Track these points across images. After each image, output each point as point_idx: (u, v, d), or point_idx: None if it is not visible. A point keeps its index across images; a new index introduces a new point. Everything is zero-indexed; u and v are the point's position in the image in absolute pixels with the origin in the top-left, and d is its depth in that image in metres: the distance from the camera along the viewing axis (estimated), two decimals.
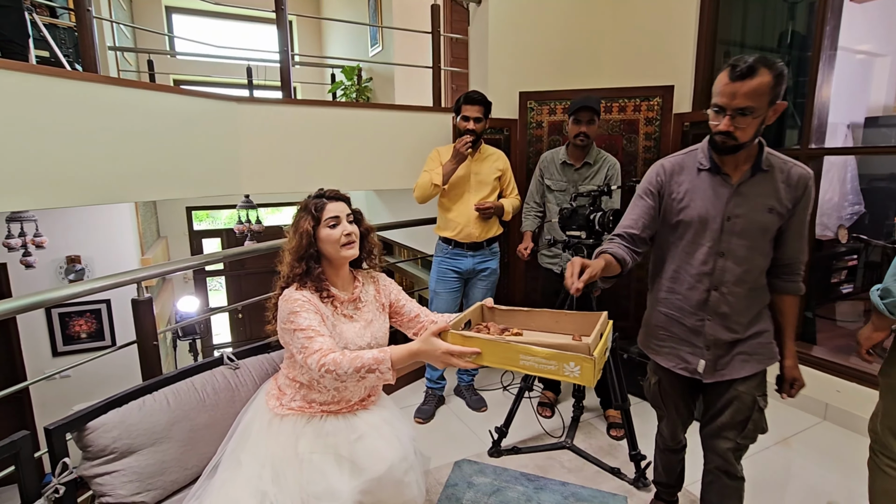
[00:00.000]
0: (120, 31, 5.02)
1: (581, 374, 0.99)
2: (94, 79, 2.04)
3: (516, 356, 1.05)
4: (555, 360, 1.02)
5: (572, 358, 1.00)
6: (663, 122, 2.88)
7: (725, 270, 1.33)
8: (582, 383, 1.02)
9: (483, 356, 1.09)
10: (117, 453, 1.24)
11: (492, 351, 1.08)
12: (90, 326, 4.66)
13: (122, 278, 1.79)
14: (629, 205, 1.45)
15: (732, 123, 1.18)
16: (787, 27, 2.67)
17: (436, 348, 1.13)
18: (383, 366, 1.16)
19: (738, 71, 1.14)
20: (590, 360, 0.99)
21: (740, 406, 1.37)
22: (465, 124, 2.34)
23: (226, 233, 7.55)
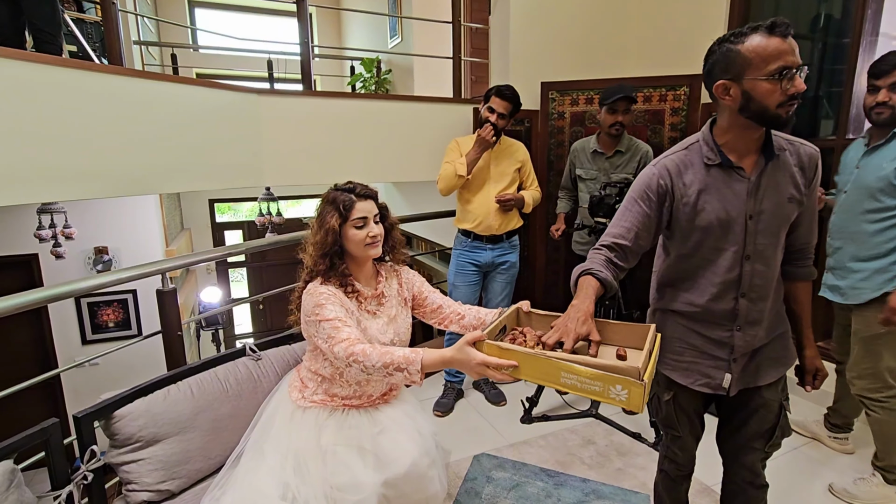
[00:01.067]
0: (144, 27, 5.10)
1: (629, 398, 0.90)
2: (121, 72, 2.07)
3: (557, 373, 0.96)
4: (600, 382, 0.92)
5: (620, 381, 0.90)
6: (690, 111, 2.79)
7: (754, 274, 1.17)
8: (629, 409, 0.92)
9: (521, 370, 1.00)
10: (143, 441, 1.27)
11: (531, 365, 0.99)
12: (117, 316, 4.79)
13: (148, 269, 1.81)
14: (620, 209, 1.23)
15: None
16: (821, 12, 2.55)
17: (470, 358, 1.05)
18: (413, 367, 1.11)
19: (782, 27, 1.01)
20: (639, 384, 0.89)
21: (767, 414, 1.26)
22: (489, 115, 2.31)
23: (247, 225, 7.66)
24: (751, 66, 1.03)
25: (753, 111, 1.06)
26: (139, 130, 2.16)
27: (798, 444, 2.18)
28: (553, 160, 3.03)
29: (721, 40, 1.08)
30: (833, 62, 2.53)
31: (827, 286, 1.88)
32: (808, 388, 1.32)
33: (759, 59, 1.02)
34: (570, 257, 3.04)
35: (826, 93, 2.56)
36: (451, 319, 1.45)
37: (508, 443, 2.21)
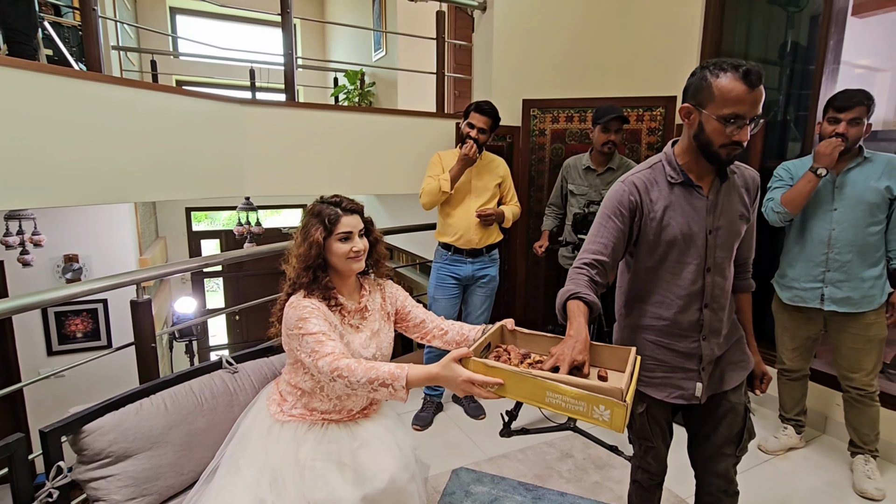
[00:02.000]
0: (123, 31, 5.03)
1: (612, 419, 0.92)
2: (98, 78, 2.04)
3: (542, 393, 0.97)
4: (584, 402, 0.94)
5: (603, 402, 0.92)
6: (666, 132, 2.88)
7: (714, 286, 1.25)
8: (611, 429, 0.94)
9: (506, 388, 1.01)
10: (113, 457, 1.23)
11: (516, 384, 1.00)
12: (86, 326, 4.63)
13: (122, 279, 1.77)
14: (594, 226, 1.28)
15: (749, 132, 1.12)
16: (789, 39, 2.68)
17: (456, 375, 1.05)
18: (398, 383, 1.10)
19: (754, 77, 1.07)
20: (622, 405, 0.91)
21: (735, 418, 1.33)
22: (469, 131, 2.35)
23: (225, 234, 7.54)
24: (712, 102, 1.10)
25: (701, 142, 1.15)
26: (116, 138, 2.13)
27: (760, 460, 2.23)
28: (534, 176, 3.08)
29: (703, 66, 1.15)
30: (800, 87, 2.66)
31: (833, 300, 1.96)
32: (758, 391, 1.41)
33: (720, 98, 1.09)
34: (550, 272, 3.09)
35: (794, 116, 2.68)
36: (433, 335, 1.45)
37: (487, 457, 2.21)
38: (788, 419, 2.25)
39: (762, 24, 2.77)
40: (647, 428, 1.37)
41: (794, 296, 2.06)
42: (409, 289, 5.48)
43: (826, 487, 2.03)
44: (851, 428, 2.05)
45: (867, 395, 1.96)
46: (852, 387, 1.99)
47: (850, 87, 1.91)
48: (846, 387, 2.02)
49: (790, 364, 2.16)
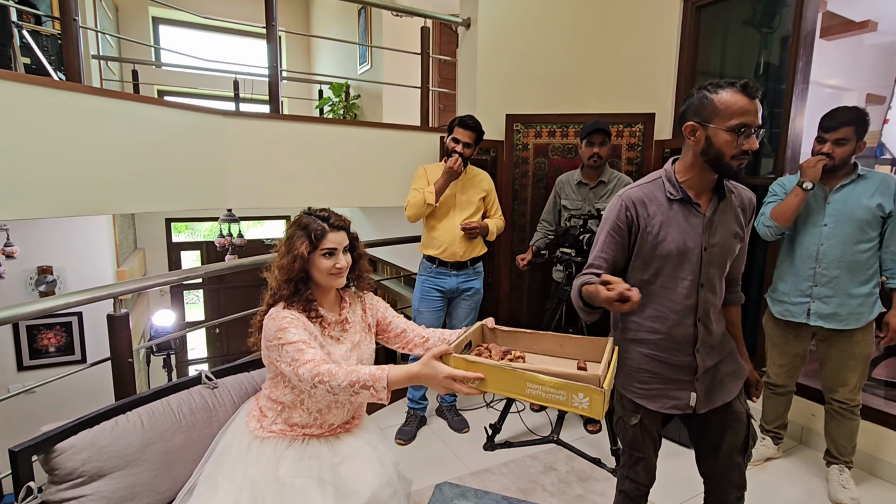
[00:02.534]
0: (104, 40, 4.97)
1: (590, 405, 0.95)
2: (78, 88, 2.01)
3: (523, 384, 0.99)
4: (564, 391, 0.97)
5: (582, 389, 0.96)
6: (645, 148, 2.95)
7: (707, 301, 1.29)
8: (590, 415, 0.97)
9: (487, 382, 1.03)
10: (86, 476, 1.19)
11: (497, 378, 1.02)
12: (59, 340, 4.50)
13: (98, 293, 1.73)
14: (597, 240, 1.34)
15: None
16: (762, 59, 2.78)
17: (437, 372, 1.06)
18: (379, 384, 1.10)
19: (752, 89, 1.14)
20: (600, 391, 0.94)
21: (738, 426, 1.35)
22: (454, 146, 2.38)
23: (206, 245, 7.42)
24: (717, 116, 1.16)
25: (711, 156, 1.19)
26: (95, 149, 2.09)
27: None
28: (517, 189, 3.12)
29: (700, 87, 1.20)
30: (773, 106, 2.75)
31: (820, 315, 1.99)
32: (754, 398, 1.47)
33: (725, 111, 1.15)
34: (534, 284, 3.11)
35: (768, 134, 2.77)
36: (415, 343, 1.45)
37: (471, 471, 2.20)
38: (768, 430, 2.29)
39: (737, 44, 2.87)
40: (640, 439, 1.39)
41: (784, 310, 2.09)
42: (393, 301, 5.46)
43: (803, 497, 2.06)
44: (830, 439, 2.09)
45: (849, 409, 2.00)
46: (835, 399, 2.03)
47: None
48: (829, 399, 2.06)
49: (776, 379, 2.20)
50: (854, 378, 1.98)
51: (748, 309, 2.82)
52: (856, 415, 2.01)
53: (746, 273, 2.69)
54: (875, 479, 2.17)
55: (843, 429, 2.03)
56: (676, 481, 2.14)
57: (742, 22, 2.82)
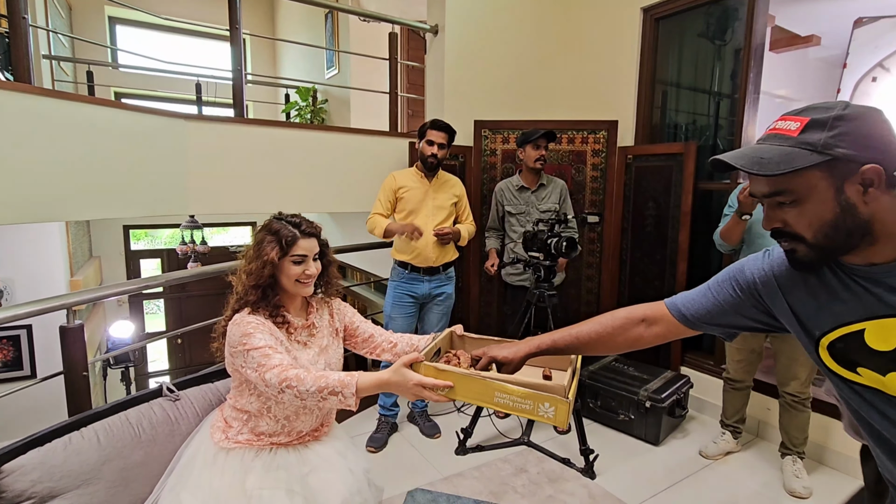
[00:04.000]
0: (57, 40, 4.76)
1: (555, 415, 0.98)
2: (27, 90, 1.92)
3: (491, 393, 1.01)
4: (531, 400, 0.99)
5: (548, 399, 0.98)
6: (609, 154, 3.04)
7: None
8: (555, 424, 1.00)
9: (456, 391, 1.04)
10: (36, 498, 1.13)
11: (466, 386, 1.04)
12: (6, 355, 4.24)
13: (50, 304, 1.65)
14: None
15: None
16: (717, 70, 2.92)
17: (407, 380, 1.06)
18: (348, 390, 1.09)
19: None
20: (565, 402, 0.97)
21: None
22: (430, 148, 2.39)
23: (166, 253, 7.16)
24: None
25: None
26: (46, 153, 1.99)
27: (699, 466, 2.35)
28: (486, 194, 3.16)
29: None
30: (729, 114, 2.88)
31: None
32: None
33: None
34: (502, 289, 3.14)
35: (724, 141, 2.90)
36: (383, 348, 1.44)
37: (443, 476, 2.20)
38: (728, 425, 2.38)
39: (692, 55, 3.00)
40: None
41: None
42: (363, 307, 5.40)
43: (762, 489, 2.15)
44: (783, 431, 2.20)
45: (800, 402, 2.11)
46: (787, 392, 2.13)
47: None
48: (782, 393, 2.16)
49: (735, 374, 2.30)
50: (804, 372, 2.09)
51: None
52: (807, 407, 2.12)
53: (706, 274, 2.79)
54: (825, 468, 2.28)
55: (796, 420, 2.14)
56: (645, 478, 2.20)
57: (697, 34, 2.95)
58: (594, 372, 2.71)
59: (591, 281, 3.17)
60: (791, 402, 2.13)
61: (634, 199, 3.01)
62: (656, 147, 2.99)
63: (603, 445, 2.35)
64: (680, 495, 2.10)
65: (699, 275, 2.87)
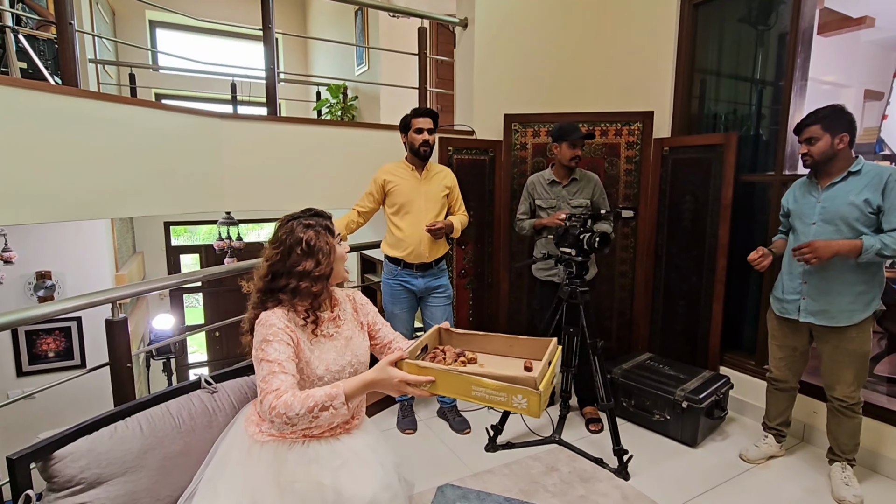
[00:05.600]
0: (101, 44, 4.96)
1: (528, 406, 1.03)
2: (75, 93, 2.00)
3: (469, 387, 1.07)
4: (504, 392, 1.04)
5: (520, 391, 1.03)
6: (643, 146, 2.95)
7: None
8: (528, 415, 1.04)
9: (437, 385, 1.10)
10: (85, 484, 1.18)
11: (446, 381, 1.09)
12: (58, 345, 4.48)
13: (97, 297, 1.72)
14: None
15: None
16: (759, 56, 2.78)
17: (391, 377, 1.12)
18: (337, 401, 1.12)
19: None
20: (535, 393, 1.02)
21: None
22: (420, 136, 2.37)
23: (204, 248, 7.41)
24: None
25: None
26: (92, 153, 2.08)
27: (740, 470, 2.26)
28: (516, 189, 3.12)
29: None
30: (771, 103, 2.75)
31: (809, 312, 2.01)
32: None
33: None
34: (532, 283, 3.10)
35: (766, 131, 2.77)
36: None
37: (472, 472, 2.19)
38: (771, 428, 2.28)
39: (733, 41, 2.87)
40: None
41: (781, 307, 2.12)
42: None
43: (807, 496, 2.05)
44: (832, 437, 2.08)
45: (849, 407, 1.99)
46: (834, 397, 2.02)
47: (818, 102, 2.00)
48: (829, 397, 2.05)
49: (777, 373, 2.20)
50: (850, 375, 1.97)
51: (750, 306, 2.82)
52: (856, 412, 2.00)
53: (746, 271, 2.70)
54: (878, 476, 2.16)
55: (845, 426, 2.03)
56: (681, 481, 2.14)
57: (737, 19, 2.82)
58: (627, 370, 2.64)
59: (625, 277, 3.09)
60: (839, 407, 2.02)
61: (671, 193, 2.91)
62: (694, 138, 2.88)
63: (637, 446, 2.30)
64: (718, 500, 2.03)
65: (740, 271, 2.76)
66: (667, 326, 2.99)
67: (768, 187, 2.66)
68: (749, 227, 2.76)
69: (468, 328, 3.22)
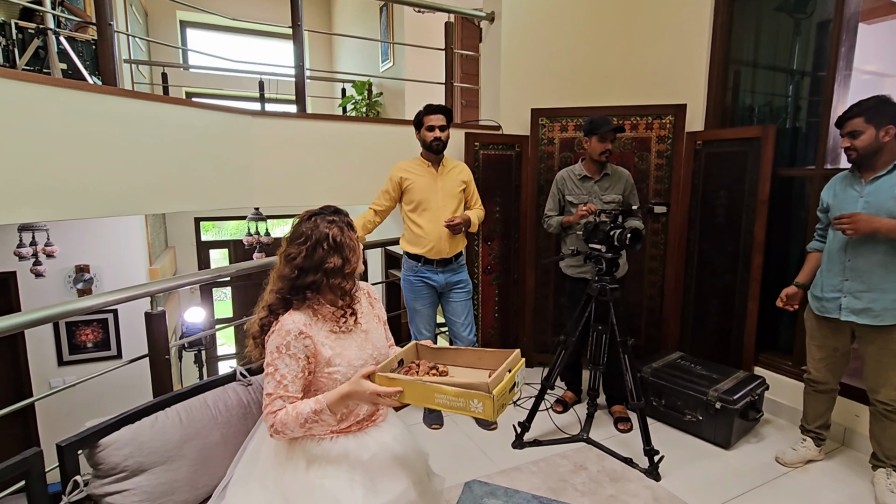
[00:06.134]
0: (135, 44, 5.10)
1: (483, 409, 1.11)
2: (114, 92, 2.06)
3: (432, 395, 1.16)
4: (462, 398, 1.12)
5: (475, 396, 1.10)
6: (675, 140, 2.87)
7: None
8: (484, 418, 1.12)
9: (405, 395, 1.18)
10: (128, 471, 1.22)
11: (413, 391, 1.18)
12: (96, 336, 4.66)
13: (136, 291, 1.78)
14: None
15: None
16: (797, 46, 2.68)
17: (364, 389, 1.18)
18: (324, 413, 1.19)
19: None
20: (489, 397, 1.09)
21: None
22: (430, 134, 2.37)
23: (232, 244, 7.58)
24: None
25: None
26: (129, 150, 2.14)
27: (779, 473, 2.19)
28: (543, 185, 3.08)
29: None
30: (810, 94, 2.64)
31: (851, 310, 1.93)
32: None
33: None
34: (559, 280, 3.07)
35: (804, 123, 2.66)
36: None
37: (499, 469, 2.19)
38: (809, 431, 2.21)
39: (770, 31, 2.77)
40: None
41: (820, 306, 2.03)
42: None
43: (847, 501, 1.98)
44: (875, 441, 2.00)
45: (894, 411, 1.91)
46: (878, 401, 1.94)
47: (859, 92, 1.92)
48: (873, 400, 1.97)
49: (816, 375, 2.12)
50: (888, 372, 1.89)
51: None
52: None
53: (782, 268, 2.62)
54: None
55: (889, 431, 1.94)
56: (714, 483, 2.09)
57: (774, 8, 2.72)
58: (657, 369, 2.59)
59: (655, 274, 3.03)
60: (883, 410, 1.93)
61: (703, 188, 2.83)
62: (729, 131, 2.79)
63: (667, 446, 2.25)
64: (754, 503, 1.98)
65: (776, 268, 2.67)
66: (698, 325, 2.92)
67: (808, 182, 2.57)
68: (786, 223, 2.67)
69: (494, 324, 3.21)
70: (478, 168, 2.98)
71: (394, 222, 2.69)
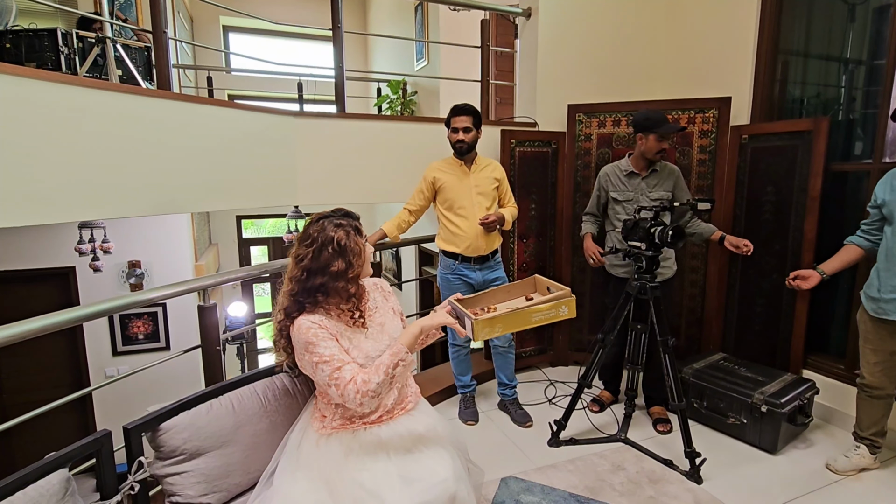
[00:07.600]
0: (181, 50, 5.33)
1: (568, 310, 1.46)
2: (166, 95, 2.17)
3: (530, 316, 1.43)
4: (553, 309, 1.43)
5: (562, 303, 1.45)
6: (719, 134, 2.79)
7: None
8: (570, 316, 1.46)
9: (506, 325, 1.41)
10: (187, 454, 1.30)
11: (510, 320, 1.41)
12: (147, 328, 4.90)
13: (189, 286, 1.88)
14: None
15: None
16: (851, 34, 2.54)
17: (435, 320, 1.37)
18: (401, 353, 1.28)
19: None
20: (572, 298, 1.47)
21: None
22: (455, 136, 2.39)
23: (272, 241, 7.82)
24: None
25: None
26: (178, 151, 2.25)
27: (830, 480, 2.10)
28: (580, 181, 3.05)
29: None
30: (866, 84, 2.51)
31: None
32: None
33: None
34: (597, 279, 3.03)
35: (860, 114, 2.53)
36: None
37: (535, 466, 2.19)
38: (863, 438, 2.11)
39: (823, 18, 2.64)
40: None
41: (878, 307, 1.93)
42: None
43: None
44: None
45: None
46: None
47: None
48: None
49: (871, 380, 2.02)
50: None
51: (838, 305, 2.61)
52: None
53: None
54: None
55: None
56: (760, 489, 2.03)
57: None
58: (699, 370, 2.53)
59: (696, 273, 2.95)
60: None
61: (749, 184, 2.74)
62: (777, 125, 2.68)
63: (709, 449, 2.20)
64: None
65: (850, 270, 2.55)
66: (742, 325, 2.83)
67: (864, 177, 2.44)
68: (838, 220, 2.55)
69: None
70: (514, 165, 2.97)
71: (427, 220, 2.72)
